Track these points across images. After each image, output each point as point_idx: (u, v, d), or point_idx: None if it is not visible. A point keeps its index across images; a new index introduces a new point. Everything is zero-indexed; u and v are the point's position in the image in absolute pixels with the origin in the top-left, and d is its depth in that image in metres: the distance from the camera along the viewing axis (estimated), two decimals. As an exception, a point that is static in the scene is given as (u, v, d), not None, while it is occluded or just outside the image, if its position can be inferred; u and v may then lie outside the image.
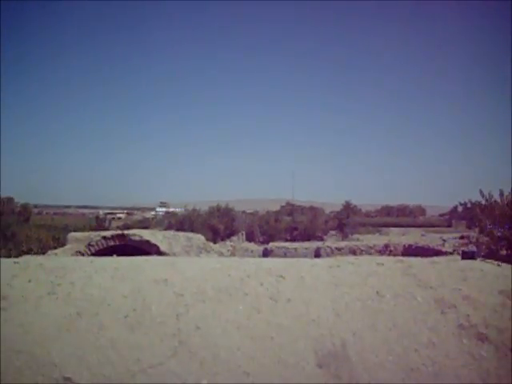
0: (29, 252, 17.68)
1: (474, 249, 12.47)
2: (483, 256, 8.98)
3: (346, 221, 48.03)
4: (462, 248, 14.69)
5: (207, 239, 19.45)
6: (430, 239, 32.12)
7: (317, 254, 23.48)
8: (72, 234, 16.08)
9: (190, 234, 17.58)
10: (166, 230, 32.15)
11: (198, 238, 17.12)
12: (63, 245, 16.20)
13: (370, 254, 22.67)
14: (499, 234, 13.45)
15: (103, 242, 15.10)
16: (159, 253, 14.13)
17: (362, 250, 24.24)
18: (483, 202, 14.47)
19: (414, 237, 37.75)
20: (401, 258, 7.12)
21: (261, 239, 42.18)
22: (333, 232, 46.88)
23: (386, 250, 24.15)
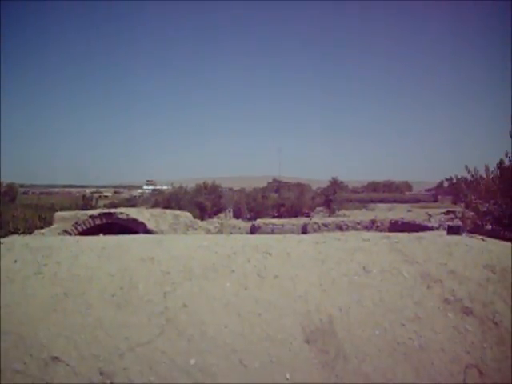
0: (15, 232, 17.59)
1: (460, 224, 12.56)
2: (468, 231, 9.03)
3: (333, 197, 48.13)
4: (448, 223, 14.80)
5: (194, 216, 19.46)
6: (416, 214, 32.35)
7: (304, 231, 23.59)
8: (58, 214, 16.02)
9: (177, 212, 17.55)
10: (152, 207, 32.10)
11: (186, 216, 17.11)
12: (50, 224, 16.13)
13: (357, 229, 22.80)
14: (484, 209, 13.52)
15: (90, 220, 15.06)
16: (146, 231, 14.12)
17: (348, 226, 24.37)
18: (469, 178, 14.53)
19: (400, 212, 37.97)
20: (387, 233, 7.15)
21: (248, 216, 42.27)
22: (320, 208, 47.03)
23: (372, 226, 24.30)
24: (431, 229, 17.22)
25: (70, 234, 14.15)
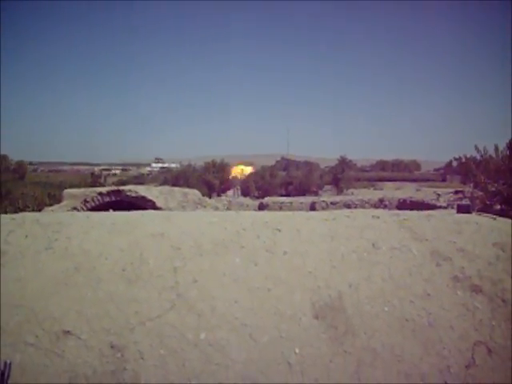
0: (25, 209, 17.67)
1: (469, 203, 12.53)
2: (477, 211, 9.01)
3: (341, 176, 48.02)
4: (457, 202, 14.76)
5: (203, 194, 19.46)
6: (425, 194, 32.24)
7: (312, 209, 23.56)
8: (67, 191, 16.04)
9: (186, 190, 17.54)
10: (161, 185, 32.14)
11: (194, 194, 17.11)
12: (59, 202, 16.16)
13: (365, 208, 22.76)
14: (493, 188, 13.47)
15: (99, 198, 15.08)
16: (155, 208, 14.12)
17: (356, 205, 24.34)
18: (478, 157, 14.46)
19: (408, 192, 37.87)
20: (397, 211, 7.14)
21: (256, 194, 42.28)
22: (328, 187, 47.03)
23: (380, 205, 24.26)
24: (440, 208, 17.17)
25: (78, 211, 14.18)
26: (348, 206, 23.68)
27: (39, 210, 15.77)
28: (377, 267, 4.72)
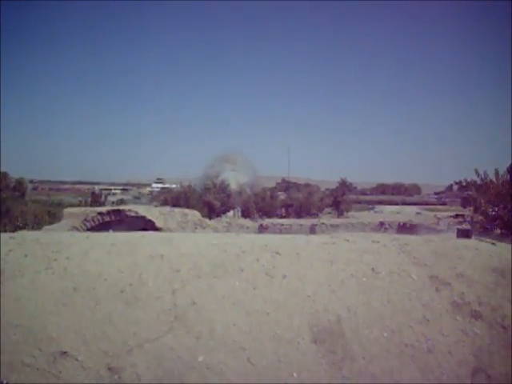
0: (24, 227, 17.65)
1: (469, 227, 12.52)
2: (477, 235, 9.01)
3: (341, 198, 48.05)
4: (457, 227, 14.75)
5: (203, 215, 19.47)
6: (425, 217, 32.25)
7: (312, 231, 23.52)
8: (67, 210, 16.07)
9: (186, 210, 17.57)
10: (161, 205, 32.12)
11: (194, 214, 17.14)
12: (59, 220, 16.18)
13: (365, 231, 22.73)
14: (494, 213, 13.47)
15: (99, 217, 15.09)
16: (155, 228, 14.13)
17: (356, 228, 24.30)
18: (478, 182, 14.47)
19: (408, 215, 37.89)
20: (396, 235, 7.15)
21: (256, 216, 42.24)
22: (328, 209, 46.99)
23: (380, 228, 24.21)
24: (440, 232, 17.16)
25: (78, 230, 14.19)
26: (348, 229, 23.64)
27: (39, 229, 15.77)
28: (376, 292, 4.71)
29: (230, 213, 41.44)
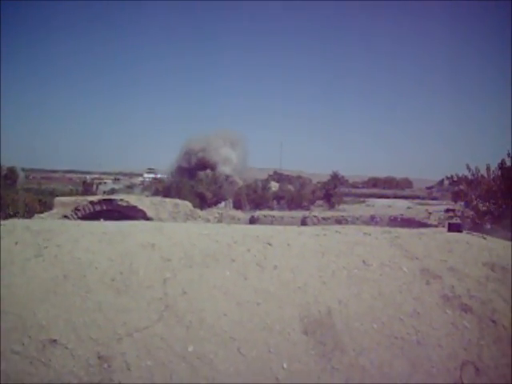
0: (15, 215, 17.60)
1: (460, 222, 12.58)
2: (468, 230, 9.04)
3: (333, 191, 48.13)
4: (448, 221, 14.82)
5: (194, 206, 19.48)
6: (416, 212, 32.35)
7: (303, 224, 23.56)
8: (59, 199, 16.05)
9: (177, 201, 17.58)
10: (153, 195, 32.10)
11: (185, 205, 17.15)
12: (50, 209, 16.16)
13: (356, 224, 22.77)
14: (484, 208, 13.55)
15: (90, 206, 15.10)
16: (146, 218, 14.14)
17: (347, 221, 24.39)
18: (470, 177, 14.54)
19: (399, 209, 37.99)
20: (388, 228, 7.16)
21: (248, 207, 42.29)
22: (320, 202, 47.10)
23: (371, 221, 24.30)
24: (430, 226, 17.23)
25: (69, 219, 14.16)
26: (339, 222, 23.70)
27: (30, 217, 15.73)
28: (367, 284, 4.72)
29: (222, 204, 41.51)
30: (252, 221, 25.35)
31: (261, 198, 43.95)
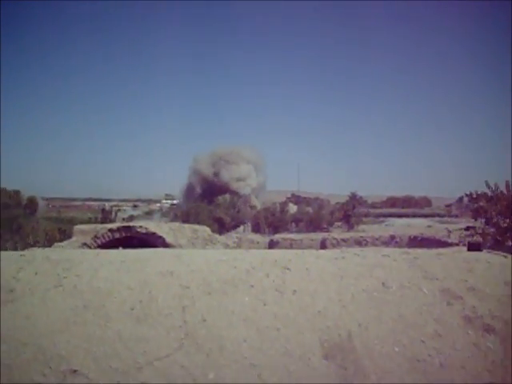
0: (35, 245, 17.73)
1: (480, 240, 12.47)
2: (489, 247, 8.96)
3: (352, 212, 47.91)
4: (468, 239, 14.68)
5: (213, 231, 19.48)
6: (436, 230, 32.09)
7: (322, 246, 23.48)
8: (78, 227, 16.13)
9: (196, 226, 17.59)
10: (171, 221, 32.18)
11: (204, 230, 17.14)
12: (69, 237, 16.25)
13: (376, 245, 22.66)
14: (505, 224, 13.42)
15: (109, 234, 15.13)
16: (165, 245, 14.14)
17: (367, 242, 24.23)
18: (489, 193, 14.42)
19: (419, 228, 37.69)
20: (407, 249, 7.12)
21: (266, 230, 42.22)
22: (338, 223, 46.87)
23: (391, 242, 24.13)
24: (451, 245, 17.08)
25: (89, 247, 14.24)
26: (359, 243, 23.56)
27: (49, 246, 15.84)
28: (387, 306, 4.68)
29: (240, 228, 41.49)
30: (271, 244, 25.30)
31: (279, 221, 43.87)
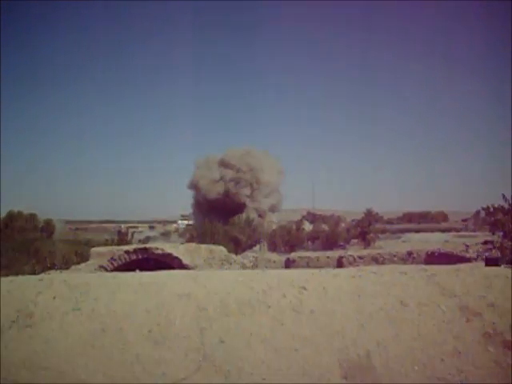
0: (52, 267, 17.80)
1: (498, 254, 12.37)
2: (507, 261, 8.87)
3: (368, 229, 47.70)
4: (486, 253, 14.57)
5: (229, 251, 19.44)
6: (453, 245, 31.84)
7: (339, 263, 23.35)
8: (94, 249, 16.16)
9: (212, 246, 17.57)
10: (187, 242, 32.19)
11: (220, 250, 17.10)
12: (86, 259, 16.30)
13: (393, 261, 22.51)
14: (524, 238, 13.31)
15: (126, 256, 15.14)
16: (181, 266, 14.14)
17: (384, 258, 24.08)
18: (506, 206, 14.33)
19: (436, 243, 37.41)
20: (424, 266, 7.07)
21: (283, 249, 42.12)
22: (355, 240, 46.67)
23: (409, 258, 23.95)
24: (469, 260, 16.95)
25: (106, 270, 14.27)
26: (376, 260, 23.40)
27: (67, 268, 15.90)
28: (405, 325, 4.65)
29: (257, 247, 41.40)
30: (287, 263, 25.19)
31: (295, 239, 43.72)
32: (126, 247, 16.37)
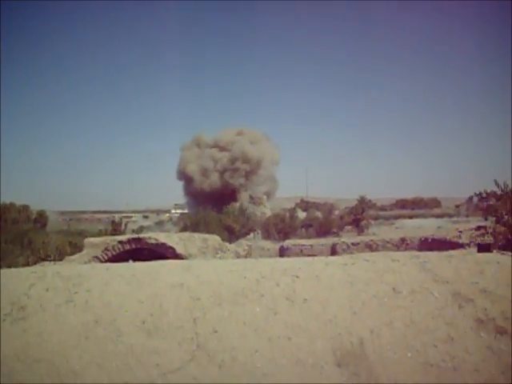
0: (46, 259, 17.77)
1: (491, 240, 12.42)
2: (500, 246, 8.91)
3: (361, 216, 47.77)
4: (479, 239, 14.64)
5: (223, 239, 19.44)
6: (446, 231, 31.96)
7: (333, 251, 23.43)
8: (88, 240, 16.14)
9: (206, 235, 17.56)
10: (181, 231, 32.15)
11: (214, 239, 17.11)
12: (80, 250, 16.27)
13: (387, 248, 22.61)
14: (516, 223, 13.34)
15: (119, 246, 15.12)
16: (175, 255, 14.13)
17: (377, 245, 24.15)
18: (499, 192, 14.38)
19: (429, 229, 37.54)
20: (416, 252, 7.09)
21: (276, 237, 42.16)
22: (348, 227, 46.76)
23: (402, 244, 24.03)
24: (462, 246, 17.01)
25: (99, 260, 14.26)
26: (369, 247, 23.49)
27: (60, 260, 15.89)
28: (398, 312, 4.67)
29: (251, 235, 41.42)
30: (281, 251, 25.24)
31: (289, 227, 43.76)
32: (119, 237, 16.36)
